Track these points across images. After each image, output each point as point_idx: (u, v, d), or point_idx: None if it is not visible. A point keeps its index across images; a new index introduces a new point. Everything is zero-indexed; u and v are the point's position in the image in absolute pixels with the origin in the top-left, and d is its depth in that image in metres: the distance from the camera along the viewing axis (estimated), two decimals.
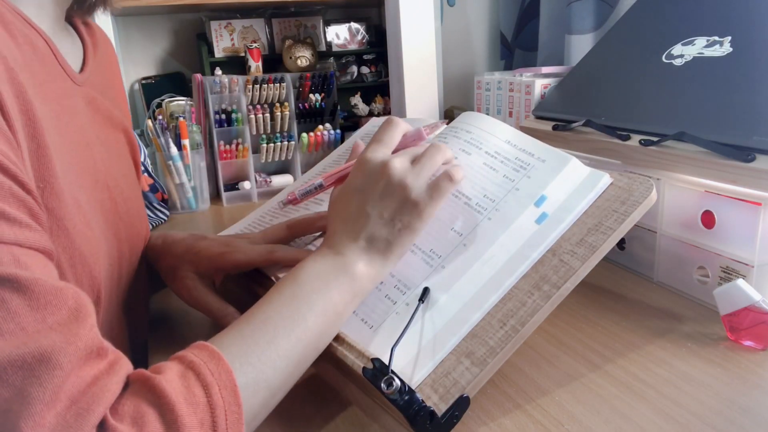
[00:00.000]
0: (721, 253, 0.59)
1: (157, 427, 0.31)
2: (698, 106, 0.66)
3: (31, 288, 0.31)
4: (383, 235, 0.47)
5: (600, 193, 0.50)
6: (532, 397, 0.47)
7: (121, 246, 0.53)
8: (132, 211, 0.57)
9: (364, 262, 0.47)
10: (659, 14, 0.83)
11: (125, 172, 0.58)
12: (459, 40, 1.50)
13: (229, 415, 0.34)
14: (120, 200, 0.54)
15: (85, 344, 0.32)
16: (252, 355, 0.38)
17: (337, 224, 0.49)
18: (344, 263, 0.46)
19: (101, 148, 0.52)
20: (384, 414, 0.47)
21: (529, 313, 0.44)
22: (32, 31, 0.44)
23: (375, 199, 0.48)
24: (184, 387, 0.34)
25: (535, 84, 0.95)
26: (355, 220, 0.48)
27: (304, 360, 0.42)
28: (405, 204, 0.47)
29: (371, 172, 0.48)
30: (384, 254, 0.48)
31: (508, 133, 0.56)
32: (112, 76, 0.62)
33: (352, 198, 0.49)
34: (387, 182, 0.47)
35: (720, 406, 0.45)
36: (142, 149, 1.14)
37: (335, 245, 0.48)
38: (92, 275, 0.44)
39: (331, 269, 0.46)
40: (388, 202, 0.47)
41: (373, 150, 0.50)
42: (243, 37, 1.44)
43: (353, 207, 0.48)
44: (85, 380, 0.31)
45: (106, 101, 0.55)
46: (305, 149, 1.25)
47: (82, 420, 0.29)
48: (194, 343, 0.38)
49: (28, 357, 0.29)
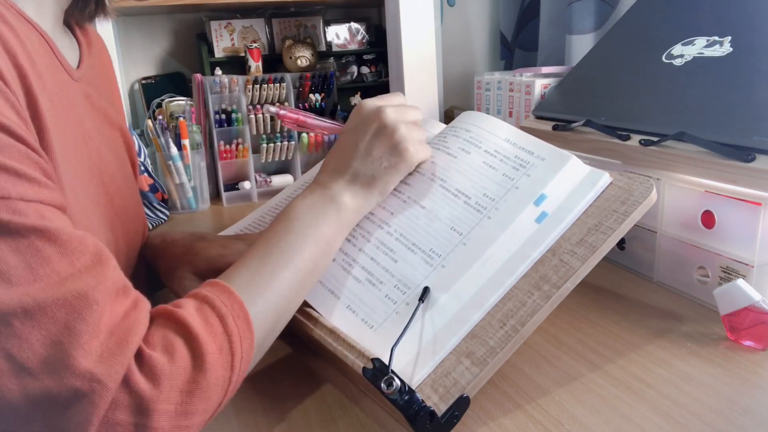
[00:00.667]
0: (721, 253, 0.59)
1: (185, 353, 0.35)
2: (698, 106, 0.66)
3: (59, 236, 0.34)
4: (369, 171, 0.51)
5: (600, 192, 0.50)
6: (532, 397, 0.47)
7: (117, 242, 0.53)
8: (128, 208, 0.57)
9: (349, 194, 0.51)
10: (659, 14, 0.83)
11: (122, 169, 0.58)
12: (459, 40, 1.50)
13: (244, 340, 0.39)
14: (116, 196, 0.54)
15: (113, 283, 0.35)
16: (258, 286, 0.42)
17: (330, 161, 0.53)
18: (330, 196, 0.50)
19: (98, 144, 0.52)
20: (383, 413, 0.47)
21: (529, 313, 0.44)
22: (31, 29, 0.44)
23: (367, 137, 0.52)
24: (202, 318, 0.37)
25: (535, 84, 0.95)
26: (345, 156, 0.52)
27: (304, 286, 0.46)
28: (395, 147, 0.51)
29: (367, 113, 0.53)
30: (367, 187, 0.51)
31: (508, 132, 0.56)
32: (108, 77, 0.63)
33: (347, 137, 0.53)
34: (381, 124, 0.51)
35: (720, 406, 0.45)
36: (142, 149, 1.14)
37: (323, 181, 0.52)
38: None
39: (319, 202, 0.50)
40: (378, 141, 0.51)
41: (372, 99, 0.54)
42: (243, 37, 1.44)
43: (346, 145, 0.53)
44: (118, 314, 0.34)
45: (101, 99, 0.56)
46: (305, 149, 1.25)
47: (122, 348, 0.33)
48: (206, 281, 0.42)
49: (69, 296, 0.32)
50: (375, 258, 0.52)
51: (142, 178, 1.07)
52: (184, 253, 0.58)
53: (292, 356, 0.56)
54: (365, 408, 0.48)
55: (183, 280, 0.56)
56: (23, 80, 0.38)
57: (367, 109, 0.53)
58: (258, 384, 0.52)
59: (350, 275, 0.52)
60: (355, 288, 0.51)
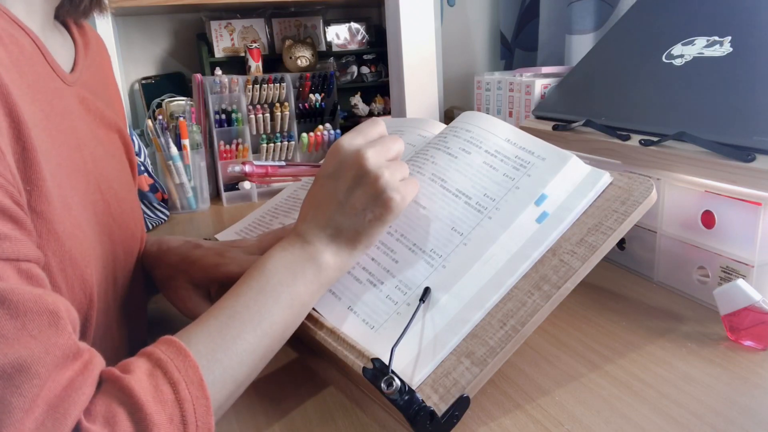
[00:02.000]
0: (721, 253, 0.59)
1: (128, 426, 0.33)
2: (698, 106, 0.66)
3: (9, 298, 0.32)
4: (352, 225, 0.47)
5: (600, 192, 0.50)
6: (532, 397, 0.47)
7: (115, 248, 0.52)
8: (126, 213, 0.56)
9: (331, 252, 0.47)
10: (659, 14, 0.83)
11: (119, 172, 0.57)
12: (459, 40, 1.50)
13: (198, 408, 0.36)
14: (113, 202, 0.53)
15: (62, 351, 0.33)
16: (219, 350, 0.40)
17: (308, 210, 0.49)
18: (311, 253, 0.47)
19: (94, 149, 0.51)
20: (383, 413, 0.47)
21: (529, 313, 0.44)
22: (19, 31, 0.43)
23: (347, 186, 0.47)
24: (152, 385, 0.35)
25: (535, 84, 0.95)
26: (325, 207, 0.48)
27: (269, 351, 0.44)
28: (380, 196, 0.46)
29: (345, 158, 0.47)
30: (352, 244, 0.48)
31: (508, 132, 0.56)
32: (105, 77, 0.62)
33: (325, 184, 0.48)
34: (362, 170, 0.46)
35: (720, 406, 0.45)
36: (142, 149, 1.14)
37: (304, 233, 0.48)
38: (84, 278, 0.43)
39: (299, 259, 0.46)
40: (360, 191, 0.47)
41: (350, 137, 0.49)
42: (243, 37, 1.44)
43: (324, 193, 0.48)
44: (61, 384, 0.32)
45: (98, 101, 0.55)
46: (305, 149, 1.25)
47: (59, 424, 0.30)
48: (162, 337, 0.39)
49: (8, 367, 0.30)
50: (376, 258, 0.52)
51: (142, 178, 1.07)
52: (180, 261, 0.57)
53: (292, 356, 0.56)
54: (365, 408, 0.48)
55: (179, 290, 0.56)
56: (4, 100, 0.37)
57: (345, 152, 0.48)
58: (258, 384, 0.52)
59: (351, 276, 0.52)
60: (356, 289, 0.51)
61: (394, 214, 0.47)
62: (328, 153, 0.50)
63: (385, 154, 0.48)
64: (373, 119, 0.52)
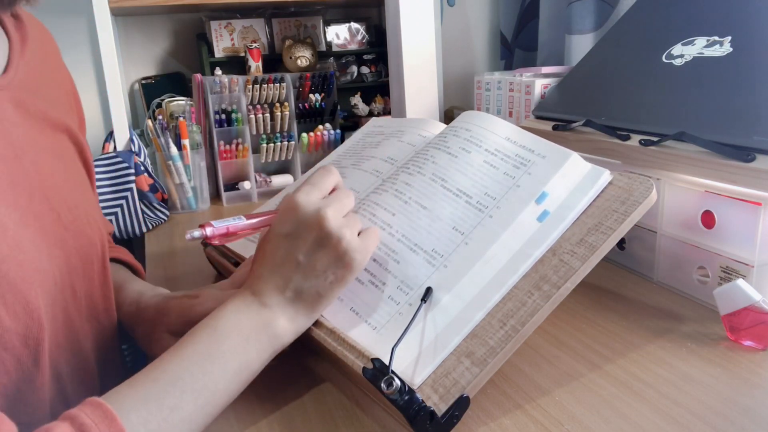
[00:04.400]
0: (721, 253, 0.59)
1: None
2: (698, 106, 0.66)
3: None
4: (313, 287, 0.46)
5: (601, 190, 0.50)
6: (532, 397, 0.47)
7: (70, 259, 0.49)
8: (80, 219, 0.52)
9: (287, 318, 0.45)
10: (659, 14, 0.83)
11: (70, 177, 0.53)
12: (459, 40, 1.50)
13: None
14: (63, 210, 0.49)
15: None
16: (153, 421, 0.37)
17: (264, 269, 0.47)
18: (267, 318, 0.45)
19: (36, 156, 0.48)
20: (383, 413, 0.47)
21: (529, 313, 0.44)
22: None
23: (308, 248, 0.45)
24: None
25: (535, 84, 0.95)
26: (283, 268, 0.46)
27: (208, 420, 0.41)
28: (341, 258, 0.45)
29: (305, 218, 0.46)
30: (312, 306, 0.46)
31: (508, 130, 0.56)
32: (49, 71, 0.57)
33: (282, 243, 0.46)
34: (322, 233, 0.45)
35: (720, 406, 0.45)
36: (142, 149, 1.14)
37: (260, 293, 0.46)
38: (27, 300, 0.41)
39: (254, 324, 0.44)
40: (322, 253, 0.45)
41: (306, 192, 0.47)
42: (243, 37, 1.44)
43: (281, 253, 0.46)
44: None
45: (39, 101, 0.51)
46: (305, 149, 1.25)
47: None
48: (89, 398, 0.36)
49: None
50: (377, 259, 0.52)
51: (142, 178, 1.07)
52: (156, 315, 0.56)
53: (292, 356, 0.56)
54: (365, 408, 0.48)
55: (160, 341, 0.54)
56: None
57: (303, 211, 0.46)
58: (258, 384, 0.51)
59: None
60: (358, 290, 0.51)
61: (355, 274, 0.47)
62: (282, 208, 0.47)
63: (342, 211, 0.47)
64: (326, 167, 0.50)
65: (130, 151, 1.10)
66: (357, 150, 0.70)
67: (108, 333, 0.57)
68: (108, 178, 1.06)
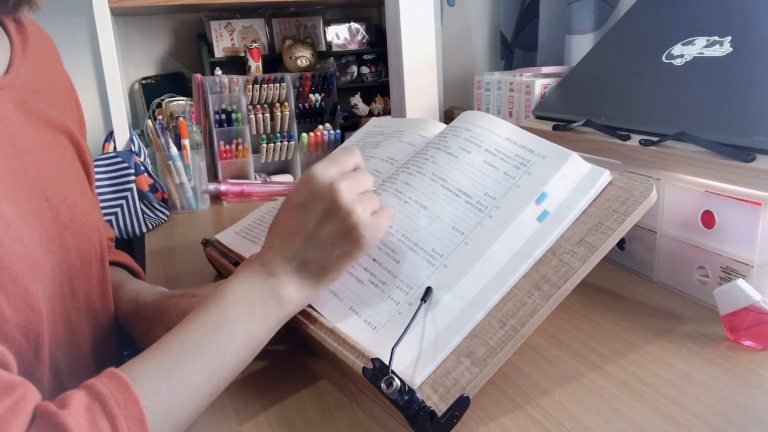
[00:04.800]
0: (721, 253, 0.59)
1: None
2: (698, 106, 0.66)
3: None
4: (319, 259, 0.46)
5: (601, 190, 0.50)
6: (532, 397, 0.47)
7: (69, 256, 0.50)
8: (79, 218, 0.52)
9: (294, 286, 0.46)
10: (659, 14, 0.83)
11: (68, 176, 0.54)
12: (459, 40, 1.50)
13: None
14: (63, 208, 0.50)
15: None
16: (163, 390, 0.38)
17: (275, 238, 0.47)
18: (274, 286, 0.45)
19: (36, 155, 0.48)
20: (384, 414, 0.47)
21: (529, 313, 0.44)
22: None
23: (317, 219, 0.46)
24: (89, 421, 0.34)
25: (535, 84, 0.95)
26: (293, 238, 0.46)
27: (216, 390, 0.42)
28: (350, 233, 0.45)
29: (318, 189, 0.46)
30: (317, 278, 0.46)
31: (508, 130, 0.56)
32: (50, 74, 0.58)
33: (294, 213, 0.47)
34: (334, 204, 0.45)
35: (720, 406, 0.45)
36: (142, 149, 1.14)
37: (268, 262, 0.46)
38: (28, 293, 0.42)
39: (260, 292, 0.45)
40: (331, 225, 0.45)
41: (324, 166, 0.47)
42: (243, 37, 1.44)
43: (293, 223, 0.47)
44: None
45: (40, 102, 0.51)
46: (305, 149, 1.25)
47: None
48: (106, 369, 0.38)
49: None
50: (377, 259, 0.52)
51: (142, 178, 1.07)
52: (154, 313, 0.56)
53: (292, 356, 0.56)
54: (365, 408, 0.48)
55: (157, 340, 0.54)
56: None
57: (318, 182, 0.46)
58: (258, 384, 0.52)
59: (353, 277, 0.52)
60: (358, 289, 0.51)
61: (364, 251, 0.47)
62: (300, 179, 0.48)
63: (357, 188, 0.47)
64: (349, 148, 0.50)
65: (130, 151, 1.10)
66: None
67: (106, 331, 0.57)
68: (108, 178, 1.06)
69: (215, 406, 0.48)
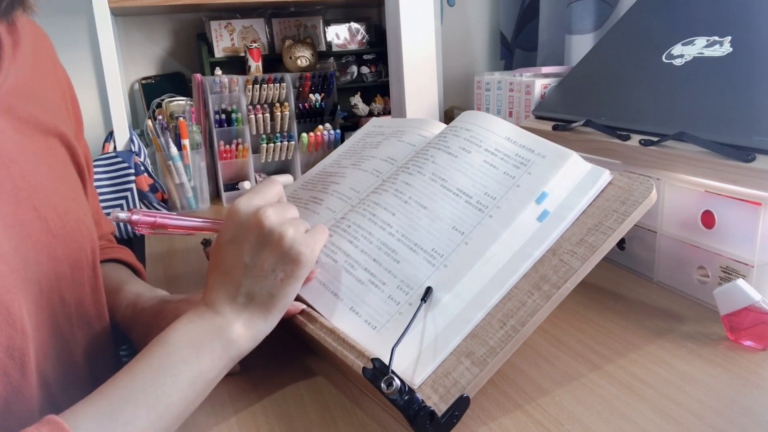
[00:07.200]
0: (721, 253, 0.59)
1: None
2: (698, 106, 0.66)
3: None
4: (264, 288, 0.45)
5: (601, 190, 0.50)
6: (532, 397, 0.47)
7: (58, 266, 0.49)
8: (69, 225, 0.51)
9: (242, 323, 0.45)
10: (659, 14, 0.83)
11: (60, 183, 0.52)
12: (459, 40, 1.50)
13: None
14: (52, 217, 0.49)
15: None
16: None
17: (215, 279, 0.46)
18: (220, 325, 0.44)
19: (25, 164, 0.47)
20: (383, 413, 0.47)
21: (529, 313, 0.44)
22: None
23: (251, 248, 0.45)
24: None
25: (535, 84, 0.95)
26: (232, 274, 0.45)
27: None
28: (287, 253, 0.45)
29: (245, 220, 0.46)
30: (267, 308, 0.45)
31: (508, 130, 0.56)
32: (43, 74, 0.56)
33: (228, 250, 0.46)
34: (264, 230, 0.45)
35: (720, 406, 0.45)
36: (142, 149, 1.14)
37: (212, 302, 0.45)
38: (9, 312, 0.41)
39: (206, 332, 0.43)
40: (267, 251, 0.45)
41: (247, 198, 0.47)
42: (243, 37, 1.44)
43: (228, 260, 0.46)
44: None
45: (30, 106, 0.50)
46: (305, 149, 1.25)
47: None
48: (45, 417, 0.36)
49: None
50: (377, 259, 0.52)
51: (142, 178, 1.07)
52: (152, 318, 0.55)
53: (292, 356, 0.56)
54: (365, 408, 0.48)
55: None
56: None
57: (244, 214, 0.46)
58: (258, 384, 0.52)
59: (353, 277, 0.52)
60: (358, 289, 0.51)
61: (306, 269, 0.46)
62: (225, 217, 0.47)
63: (284, 213, 0.46)
64: (271, 179, 0.50)
65: (130, 151, 1.10)
66: (357, 150, 0.70)
67: (101, 338, 0.56)
68: (108, 178, 1.06)
69: (214, 405, 0.49)
